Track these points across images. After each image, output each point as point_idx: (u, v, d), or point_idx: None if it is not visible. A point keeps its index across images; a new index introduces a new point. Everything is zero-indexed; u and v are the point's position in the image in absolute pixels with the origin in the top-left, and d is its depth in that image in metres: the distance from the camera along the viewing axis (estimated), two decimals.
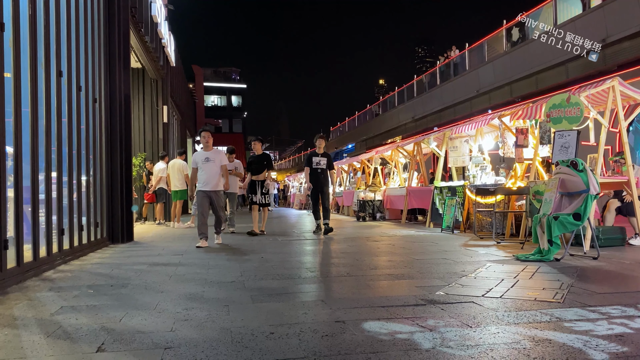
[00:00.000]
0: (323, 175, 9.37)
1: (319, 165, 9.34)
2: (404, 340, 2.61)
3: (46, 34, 5.59)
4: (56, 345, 2.64)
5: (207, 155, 7.61)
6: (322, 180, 9.34)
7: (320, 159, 9.42)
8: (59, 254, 5.78)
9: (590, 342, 2.52)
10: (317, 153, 9.50)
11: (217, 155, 7.71)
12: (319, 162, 9.39)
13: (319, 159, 9.42)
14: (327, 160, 9.48)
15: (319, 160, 9.41)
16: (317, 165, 9.34)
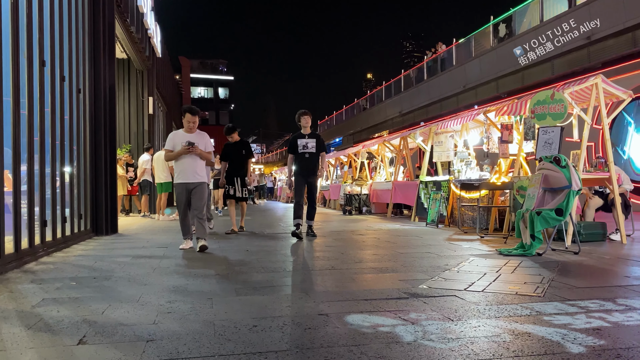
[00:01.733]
0: (312, 162, 7.63)
1: (306, 149, 7.59)
2: (386, 333, 2.63)
3: (29, 23, 5.50)
4: (37, 337, 2.62)
5: (188, 138, 6.14)
6: (311, 168, 7.63)
7: (308, 140, 7.64)
8: (41, 245, 5.72)
9: (569, 335, 2.57)
10: (303, 134, 7.67)
11: (202, 139, 6.27)
12: (307, 144, 7.62)
13: (306, 140, 7.63)
14: (316, 141, 7.66)
15: (306, 142, 7.63)
16: (304, 149, 7.59)
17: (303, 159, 7.61)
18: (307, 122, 7.69)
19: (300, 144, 7.62)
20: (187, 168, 6.12)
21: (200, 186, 6.18)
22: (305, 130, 7.69)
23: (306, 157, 7.59)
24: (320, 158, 7.71)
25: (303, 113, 7.74)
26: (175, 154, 6.15)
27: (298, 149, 7.61)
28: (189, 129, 6.26)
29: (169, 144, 6.21)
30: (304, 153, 7.60)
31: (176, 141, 6.17)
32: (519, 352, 2.33)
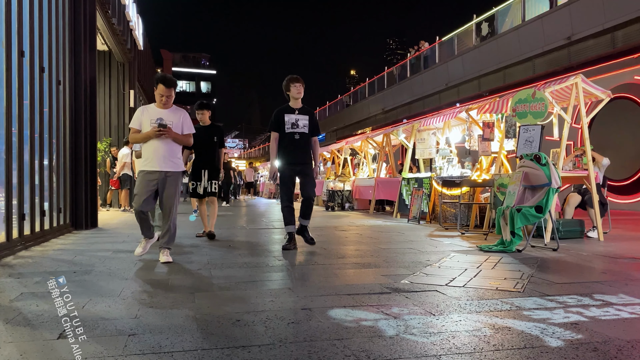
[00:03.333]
0: (304, 145, 5.72)
1: (295, 129, 5.65)
2: (369, 327, 2.65)
3: (7, 12, 5.39)
4: (16, 331, 2.58)
5: (161, 116, 4.82)
6: (300, 154, 5.68)
7: (299, 117, 5.69)
8: (19, 239, 5.63)
9: (547, 329, 2.61)
10: (292, 108, 5.72)
11: (179, 118, 4.92)
12: (297, 122, 5.66)
13: (297, 117, 5.68)
14: (309, 119, 5.75)
15: (297, 119, 5.67)
16: (292, 129, 5.64)
17: (291, 141, 5.62)
18: (299, 91, 5.69)
19: (288, 121, 5.64)
20: (157, 153, 4.77)
21: (174, 177, 4.83)
22: (296, 104, 5.71)
23: (295, 138, 5.61)
24: (314, 144, 5.80)
25: (294, 79, 5.71)
26: (142, 136, 4.81)
27: (285, 127, 5.62)
28: (163, 104, 4.89)
29: (135, 122, 4.82)
30: (293, 133, 5.62)
31: (145, 119, 4.82)
32: (499, 346, 2.36)
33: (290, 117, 5.68)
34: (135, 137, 4.91)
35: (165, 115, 4.85)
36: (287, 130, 5.65)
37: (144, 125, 4.82)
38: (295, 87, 5.71)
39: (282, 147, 5.71)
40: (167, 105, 4.92)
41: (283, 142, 5.69)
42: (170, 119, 4.87)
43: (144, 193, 4.74)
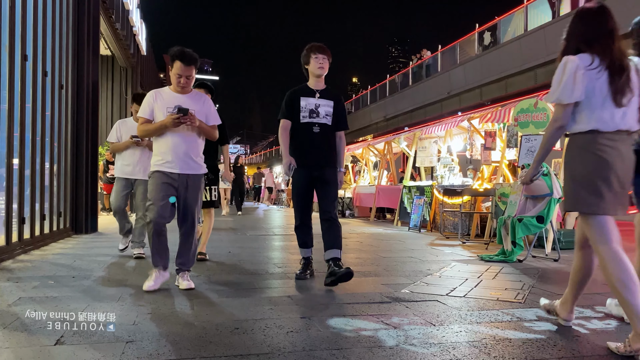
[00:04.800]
0: (324, 142, 4.22)
1: (315, 118, 4.18)
2: (369, 337, 2.63)
3: (11, 16, 5.40)
4: (13, 337, 2.56)
5: (179, 102, 3.78)
6: (320, 153, 4.20)
7: (320, 102, 4.21)
8: (18, 243, 5.61)
9: (549, 341, 2.59)
10: (312, 89, 4.24)
11: (201, 104, 3.92)
12: (317, 109, 4.19)
13: (317, 102, 4.20)
14: (334, 106, 4.26)
15: (317, 105, 4.19)
16: (311, 118, 4.17)
17: (308, 135, 4.15)
18: (321, 65, 4.18)
19: (306, 106, 4.16)
20: (176, 150, 3.76)
21: (197, 181, 3.88)
22: (317, 83, 4.24)
23: (314, 131, 4.14)
24: (337, 142, 4.32)
25: (315, 48, 4.21)
26: (155, 126, 3.76)
27: (300, 115, 4.16)
28: (181, 87, 3.84)
29: (146, 109, 3.81)
30: (311, 125, 4.14)
31: (158, 106, 3.79)
32: (500, 358, 2.34)
33: (308, 102, 4.13)
34: (147, 128, 3.79)
35: (185, 101, 3.79)
36: (304, 120, 4.12)
37: (157, 115, 3.78)
38: (317, 59, 4.16)
39: (295, 142, 4.17)
40: (186, 88, 3.87)
41: (297, 136, 4.15)
42: (191, 106, 3.78)
43: (162, 199, 3.69)
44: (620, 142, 2.50)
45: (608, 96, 2.48)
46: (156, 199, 3.73)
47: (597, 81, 2.49)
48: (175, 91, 3.87)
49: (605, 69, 2.49)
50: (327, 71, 4.27)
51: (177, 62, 3.75)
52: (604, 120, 2.48)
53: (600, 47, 2.53)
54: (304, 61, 4.29)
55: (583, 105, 2.51)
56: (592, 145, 2.49)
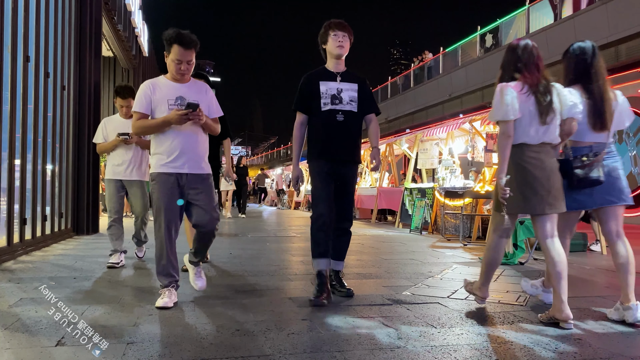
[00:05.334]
0: (350, 132, 3.68)
1: (338, 104, 3.62)
2: (370, 339, 2.62)
3: (13, 17, 5.42)
4: (14, 338, 2.56)
5: (180, 92, 3.34)
6: (346, 145, 3.67)
7: (343, 86, 3.66)
8: (20, 244, 5.62)
9: (550, 344, 2.58)
10: (332, 72, 3.70)
11: (203, 94, 3.47)
12: (339, 94, 3.65)
13: (339, 86, 3.66)
14: (358, 89, 3.70)
15: (339, 89, 3.65)
16: (333, 105, 3.61)
17: (332, 125, 3.59)
18: (340, 44, 3.66)
19: (327, 92, 3.61)
20: (184, 148, 3.30)
21: (208, 180, 3.43)
22: (337, 65, 3.70)
23: (338, 120, 3.58)
24: (369, 126, 3.83)
25: (334, 25, 3.69)
26: (156, 123, 3.27)
27: (320, 102, 3.60)
28: (181, 74, 3.37)
29: (142, 103, 3.30)
30: (334, 112, 3.58)
31: (158, 98, 3.31)
32: None
33: (328, 87, 3.57)
34: (145, 125, 3.29)
35: (186, 92, 3.33)
36: (325, 108, 3.55)
37: (158, 109, 3.28)
38: (336, 36, 3.63)
39: (315, 134, 3.64)
40: (186, 76, 3.41)
41: (317, 126, 3.61)
42: (194, 97, 3.32)
43: (172, 202, 3.29)
44: (544, 154, 3.08)
45: (535, 115, 3.04)
46: (167, 205, 3.26)
47: (526, 103, 3.04)
48: (174, 80, 3.38)
49: (532, 93, 3.06)
50: (348, 52, 3.71)
51: (175, 46, 3.28)
52: (530, 135, 3.06)
53: (528, 75, 3.11)
54: (321, 40, 3.75)
55: (516, 122, 3.04)
56: (519, 157, 3.08)
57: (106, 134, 4.95)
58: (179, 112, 3.18)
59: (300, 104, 3.71)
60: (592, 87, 3.25)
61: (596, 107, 3.20)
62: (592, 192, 3.24)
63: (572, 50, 3.41)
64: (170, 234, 3.31)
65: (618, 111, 3.33)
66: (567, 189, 3.19)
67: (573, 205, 3.26)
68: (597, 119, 3.19)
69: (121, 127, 4.84)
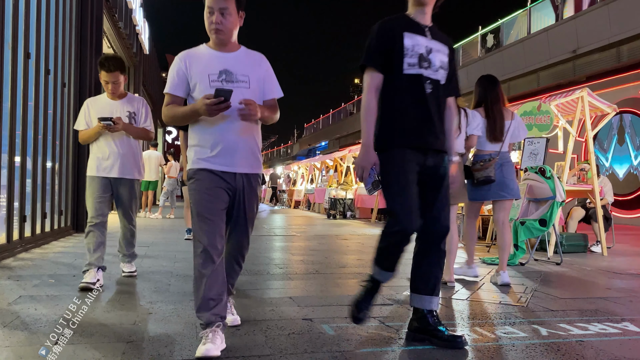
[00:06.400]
0: (441, 107, 2.65)
1: (427, 69, 2.57)
2: (371, 340, 2.61)
3: (14, 14, 5.40)
4: (13, 335, 2.55)
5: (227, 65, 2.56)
6: (437, 126, 2.62)
7: (433, 44, 2.59)
8: (19, 241, 5.60)
9: (552, 346, 2.57)
10: (418, 24, 2.60)
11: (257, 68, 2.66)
12: (429, 54, 2.57)
13: (429, 43, 2.58)
14: (449, 53, 2.67)
15: (429, 48, 2.58)
16: (421, 67, 2.55)
17: (417, 96, 2.59)
18: None
19: (414, 48, 2.57)
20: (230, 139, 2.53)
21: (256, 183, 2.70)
22: (424, 17, 2.65)
23: (427, 91, 2.59)
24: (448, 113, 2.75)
25: None
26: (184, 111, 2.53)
27: (404, 61, 2.56)
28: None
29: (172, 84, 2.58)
30: (422, 79, 2.58)
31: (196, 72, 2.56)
32: None
33: (416, 42, 2.56)
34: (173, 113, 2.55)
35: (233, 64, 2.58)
36: (409, 70, 2.55)
37: (198, 89, 2.53)
38: None
39: (392, 108, 2.61)
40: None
41: (396, 97, 2.60)
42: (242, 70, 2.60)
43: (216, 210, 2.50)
44: None
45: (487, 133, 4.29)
46: (209, 206, 2.48)
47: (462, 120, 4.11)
48: (217, 48, 2.59)
49: None
50: None
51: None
52: None
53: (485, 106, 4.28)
54: None
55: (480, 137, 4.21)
56: None
57: (89, 119, 3.97)
58: (207, 102, 2.36)
59: (377, 57, 2.57)
60: (491, 109, 4.26)
61: (493, 125, 4.24)
62: (490, 188, 4.25)
63: (479, 80, 4.45)
64: (212, 252, 2.43)
65: (514, 127, 4.35)
66: (472, 186, 4.30)
67: (477, 197, 4.37)
68: (493, 134, 4.25)
69: (107, 110, 3.89)
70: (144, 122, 4.07)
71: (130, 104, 4.03)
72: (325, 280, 4.34)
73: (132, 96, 4.15)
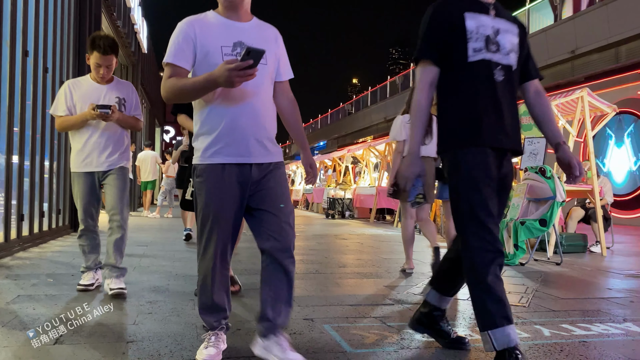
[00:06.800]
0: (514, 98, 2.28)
1: (496, 53, 2.18)
2: (373, 340, 2.59)
3: (13, 11, 5.37)
4: (12, 335, 2.52)
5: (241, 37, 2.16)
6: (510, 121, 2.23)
7: (500, 24, 2.22)
8: (17, 240, 5.57)
9: (556, 346, 2.55)
10: (480, 1, 2.22)
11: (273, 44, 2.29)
12: (496, 34, 2.18)
13: (495, 22, 2.20)
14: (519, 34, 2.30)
15: (496, 28, 2.20)
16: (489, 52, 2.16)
17: (487, 86, 2.18)
18: None
19: (478, 30, 2.18)
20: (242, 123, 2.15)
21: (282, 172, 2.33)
22: None
23: (496, 80, 2.18)
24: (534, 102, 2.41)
25: None
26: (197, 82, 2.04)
27: (468, 47, 2.17)
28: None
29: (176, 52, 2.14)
30: (491, 65, 2.18)
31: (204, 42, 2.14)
32: None
33: (480, 22, 2.20)
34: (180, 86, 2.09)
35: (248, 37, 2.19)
36: (475, 57, 2.18)
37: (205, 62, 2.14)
38: None
39: (459, 100, 2.24)
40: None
41: (462, 87, 2.23)
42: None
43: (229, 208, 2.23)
44: (426, 163, 4.46)
45: None
46: (220, 215, 2.20)
47: None
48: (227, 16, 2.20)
49: None
50: None
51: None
52: None
53: None
54: None
55: (405, 142, 4.38)
56: None
57: (72, 104, 3.46)
58: (230, 65, 1.91)
59: (432, 47, 2.23)
60: None
61: None
62: None
63: None
64: (223, 256, 2.33)
65: None
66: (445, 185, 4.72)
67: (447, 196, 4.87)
68: None
69: (94, 96, 3.44)
70: (135, 110, 3.63)
71: (119, 89, 3.57)
72: (326, 280, 4.32)
73: (120, 81, 3.68)
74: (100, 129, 3.47)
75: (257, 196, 2.23)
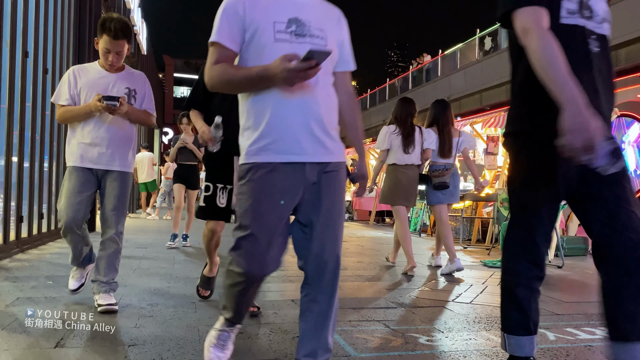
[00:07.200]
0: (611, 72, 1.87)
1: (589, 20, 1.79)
2: (377, 344, 2.57)
3: (13, 12, 5.34)
4: (11, 338, 2.49)
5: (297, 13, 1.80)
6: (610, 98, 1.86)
7: None
8: (16, 242, 5.53)
9: (561, 350, 2.54)
10: None
11: (335, 26, 1.94)
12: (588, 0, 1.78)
13: None
14: None
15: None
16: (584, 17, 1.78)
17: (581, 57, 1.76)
18: None
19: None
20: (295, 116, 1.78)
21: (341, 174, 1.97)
22: None
23: (591, 50, 1.79)
24: None
25: None
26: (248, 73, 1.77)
27: (561, 4, 1.77)
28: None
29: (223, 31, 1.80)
30: (585, 33, 1.80)
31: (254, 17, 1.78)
32: None
33: None
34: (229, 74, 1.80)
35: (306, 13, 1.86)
36: (568, 20, 1.79)
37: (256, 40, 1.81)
38: None
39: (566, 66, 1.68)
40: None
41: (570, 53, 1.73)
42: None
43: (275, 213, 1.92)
44: (409, 170, 4.96)
45: (400, 147, 4.89)
46: (260, 220, 1.91)
47: (396, 140, 4.91)
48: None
49: (400, 134, 4.91)
50: None
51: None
52: (399, 159, 4.93)
53: (400, 123, 4.95)
54: None
55: (390, 151, 4.93)
56: (392, 172, 5.01)
57: (76, 93, 3.05)
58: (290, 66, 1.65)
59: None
60: (442, 131, 5.10)
61: (443, 144, 5.08)
62: (445, 193, 5.07)
63: (434, 104, 5.31)
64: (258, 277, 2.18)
65: (462, 142, 5.24)
66: (432, 191, 5.11)
67: (435, 200, 5.13)
68: (443, 151, 5.08)
69: (102, 84, 3.04)
70: (147, 104, 3.22)
71: (130, 79, 3.16)
72: None
73: (132, 70, 3.26)
74: (107, 123, 3.04)
75: (307, 203, 1.89)
